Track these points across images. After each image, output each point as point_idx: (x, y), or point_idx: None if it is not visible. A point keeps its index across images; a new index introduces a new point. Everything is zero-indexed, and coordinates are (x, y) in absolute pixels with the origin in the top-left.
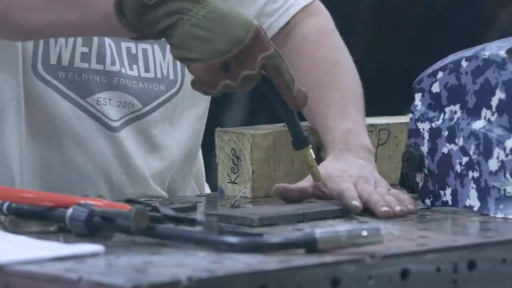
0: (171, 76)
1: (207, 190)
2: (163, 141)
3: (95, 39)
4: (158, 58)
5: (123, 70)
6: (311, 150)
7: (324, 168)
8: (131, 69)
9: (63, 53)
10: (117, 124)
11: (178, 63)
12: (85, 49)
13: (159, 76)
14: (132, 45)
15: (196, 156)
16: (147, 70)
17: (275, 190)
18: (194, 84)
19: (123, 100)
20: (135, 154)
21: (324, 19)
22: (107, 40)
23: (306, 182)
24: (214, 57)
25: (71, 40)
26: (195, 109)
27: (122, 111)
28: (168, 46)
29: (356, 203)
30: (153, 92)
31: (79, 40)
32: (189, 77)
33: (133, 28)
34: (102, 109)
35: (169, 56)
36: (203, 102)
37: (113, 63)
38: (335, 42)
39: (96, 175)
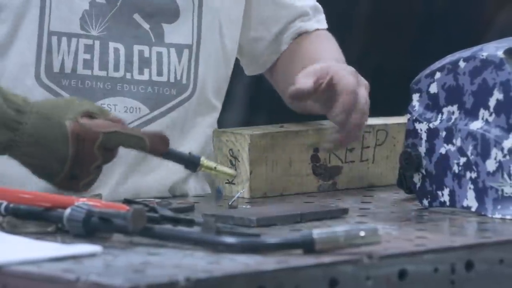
0: (184, 81)
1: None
2: (174, 147)
3: (97, 45)
4: (173, 62)
5: (127, 76)
6: (206, 161)
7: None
8: (141, 73)
9: (66, 60)
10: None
11: (193, 67)
12: (87, 56)
13: (172, 80)
14: (145, 48)
15: None
16: (159, 73)
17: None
18: None
19: (129, 106)
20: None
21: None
22: (113, 45)
23: (307, 78)
24: (57, 178)
25: (73, 47)
26: (207, 116)
27: (129, 116)
28: (184, 51)
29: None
30: (162, 96)
31: (81, 47)
32: (202, 82)
33: None
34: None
35: (184, 60)
36: (216, 109)
37: (116, 69)
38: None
39: (100, 181)
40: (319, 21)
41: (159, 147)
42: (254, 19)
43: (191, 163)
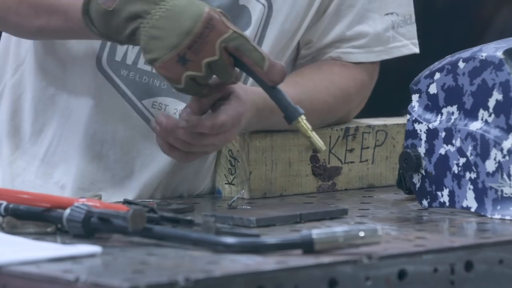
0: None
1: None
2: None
3: None
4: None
5: None
6: (305, 121)
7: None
8: None
9: (129, 52)
10: None
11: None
12: None
13: None
14: None
15: None
16: None
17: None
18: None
19: (180, 108)
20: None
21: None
22: None
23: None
24: (166, 53)
25: None
26: None
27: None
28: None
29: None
30: None
31: None
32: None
33: (103, 35)
34: (156, 114)
35: None
36: None
37: None
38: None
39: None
40: (372, 52)
41: (275, 75)
42: (319, 27)
43: (291, 113)
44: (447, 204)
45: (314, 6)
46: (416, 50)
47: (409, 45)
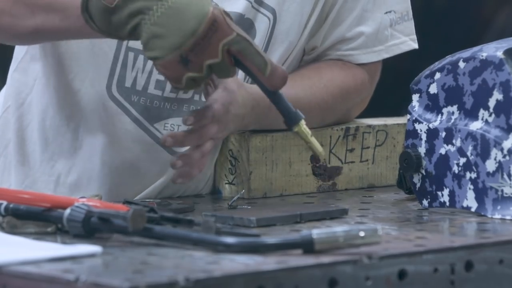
0: None
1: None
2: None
3: None
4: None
5: (195, 97)
6: (304, 126)
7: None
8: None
9: (139, 78)
10: (182, 149)
11: None
12: (161, 77)
13: None
14: None
15: None
16: None
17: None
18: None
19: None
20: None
21: (355, 80)
22: None
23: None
24: (169, 53)
25: (148, 66)
26: None
27: None
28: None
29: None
30: None
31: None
32: None
33: (104, 32)
34: None
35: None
36: None
37: (186, 91)
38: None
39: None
40: (373, 52)
41: (276, 81)
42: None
43: (292, 118)
44: (447, 204)
45: (315, 14)
46: (415, 45)
47: (408, 41)
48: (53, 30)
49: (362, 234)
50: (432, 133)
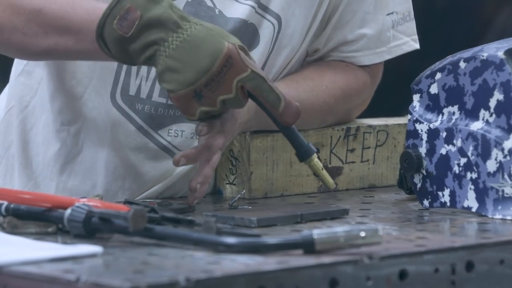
0: None
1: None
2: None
3: None
4: None
5: None
6: (316, 160)
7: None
8: None
9: (143, 86)
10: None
11: None
12: None
13: None
14: None
15: None
16: None
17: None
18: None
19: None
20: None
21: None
22: None
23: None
24: (182, 88)
25: (152, 74)
26: None
27: (196, 142)
28: None
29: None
30: None
31: None
32: None
33: (119, 59)
34: (173, 141)
35: None
36: None
37: None
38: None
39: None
40: (375, 54)
41: (289, 117)
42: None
43: (304, 152)
44: (448, 204)
45: (318, 18)
46: (417, 46)
47: (410, 42)
48: (65, 52)
49: (362, 234)
50: (433, 133)
